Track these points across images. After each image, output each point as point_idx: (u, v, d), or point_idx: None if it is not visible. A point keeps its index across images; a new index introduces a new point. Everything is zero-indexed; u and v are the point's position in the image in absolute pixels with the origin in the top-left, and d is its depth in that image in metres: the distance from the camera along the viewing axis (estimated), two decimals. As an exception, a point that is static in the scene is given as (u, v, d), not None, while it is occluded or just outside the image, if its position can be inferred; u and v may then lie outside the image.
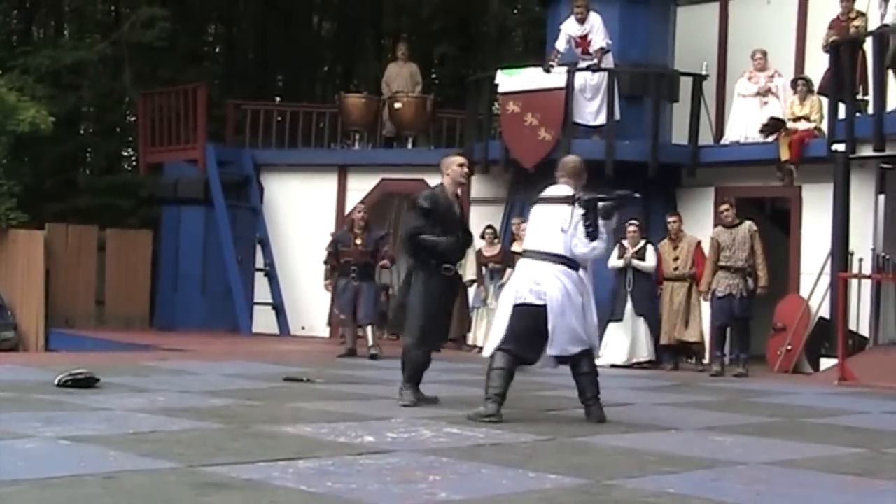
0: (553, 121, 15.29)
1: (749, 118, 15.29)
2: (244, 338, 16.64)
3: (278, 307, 17.69)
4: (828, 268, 14.02)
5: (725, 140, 15.69)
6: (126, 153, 26.42)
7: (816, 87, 14.80)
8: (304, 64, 27.52)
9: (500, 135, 16.20)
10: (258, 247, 18.01)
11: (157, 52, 22.64)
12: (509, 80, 15.83)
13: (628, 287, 13.74)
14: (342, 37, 28.37)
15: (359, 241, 13.74)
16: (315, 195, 17.80)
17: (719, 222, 13.66)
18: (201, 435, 6.69)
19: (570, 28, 15.39)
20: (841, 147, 13.70)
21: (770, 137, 14.76)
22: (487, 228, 15.46)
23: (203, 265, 18.23)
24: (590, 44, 15.31)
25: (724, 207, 13.52)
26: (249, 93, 22.78)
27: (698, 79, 15.69)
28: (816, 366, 13.66)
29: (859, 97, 13.91)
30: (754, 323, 13.55)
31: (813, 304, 14.25)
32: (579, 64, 15.42)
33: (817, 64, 14.97)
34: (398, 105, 17.81)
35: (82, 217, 20.03)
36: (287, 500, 4.91)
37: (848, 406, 9.93)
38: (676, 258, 13.75)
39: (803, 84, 14.86)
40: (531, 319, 7.74)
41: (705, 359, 13.84)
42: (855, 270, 13.46)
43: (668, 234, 13.94)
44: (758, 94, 15.30)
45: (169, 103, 18.91)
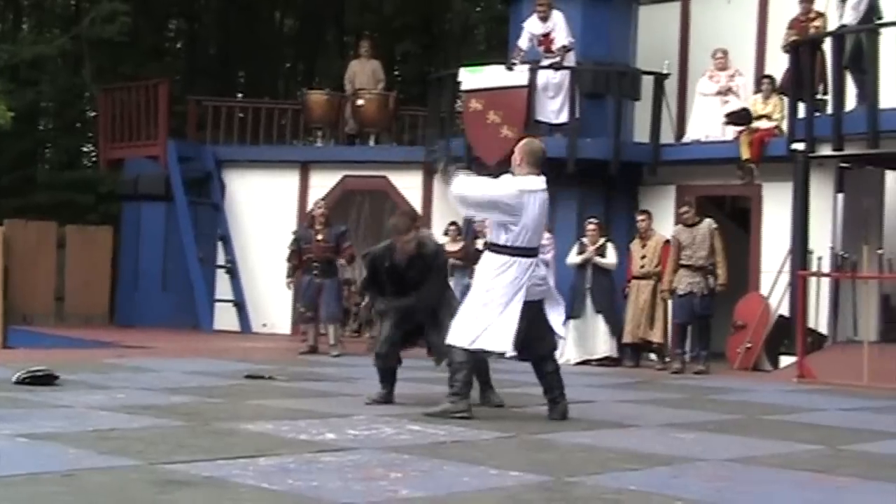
0: (515, 118, 15.31)
1: (710, 117, 15.38)
2: (205, 335, 16.56)
3: (240, 304, 17.62)
4: (787, 266, 14.13)
5: (686, 139, 15.77)
6: (86, 149, 26.22)
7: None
8: (267, 60, 27.43)
9: (463, 132, 16.20)
10: (220, 244, 17.93)
11: (118, 48, 22.50)
12: (472, 78, 15.84)
13: (587, 284, 13.83)
14: (305, 33, 28.31)
15: (320, 237, 13.73)
16: (277, 192, 17.74)
17: (680, 221, 13.74)
18: (161, 432, 6.66)
19: (533, 26, 15.42)
20: (800, 146, 13.81)
21: (734, 128, 14.83)
22: (450, 225, 15.48)
23: (164, 262, 18.11)
24: (552, 42, 15.34)
25: (684, 210, 13.63)
26: (211, 89, 22.68)
27: (660, 77, 15.75)
28: (776, 363, 13.75)
29: (818, 97, 14.02)
30: (715, 321, 13.62)
31: (773, 303, 14.34)
32: (542, 62, 15.45)
33: (777, 64, 15.09)
34: (361, 102, 17.77)
35: (41, 213, 19.86)
36: (248, 498, 4.90)
37: (806, 403, 10.01)
38: (644, 256, 13.80)
39: (768, 83, 14.95)
40: (528, 315, 7.81)
41: (667, 357, 13.91)
42: (814, 269, 13.56)
43: (638, 232, 13.99)
44: (718, 94, 15.40)
45: (130, 99, 18.79)
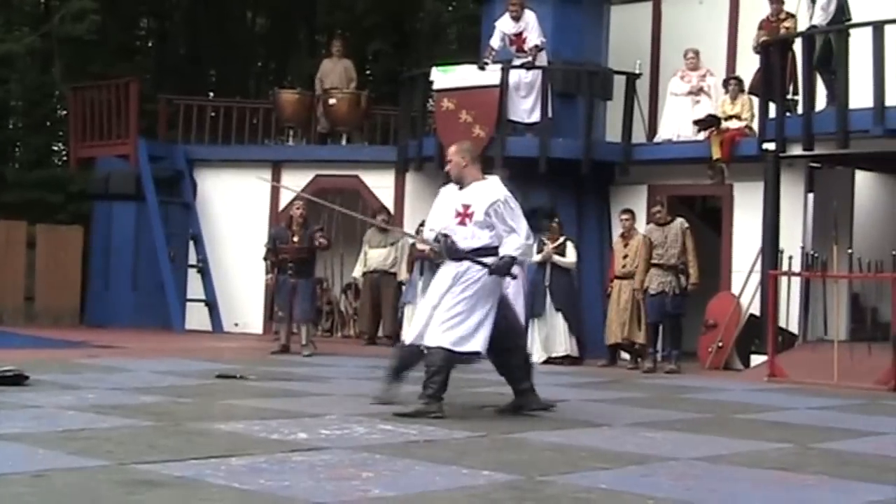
0: (487, 118, 15.31)
1: (681, 117, 15.43)
2: (177, 335, 16.50)
3: (211, 304, 17.55)
4: (758, 265, 14.18)
5: (658, 138, 15.81)
6: (56, 148, 26.06)
7: (747, 87, 14.97)
8: (238, 59, 27.31)
9: (435, 131, 16.19)
10: (191, 243, 17.86)
11: (88, 46, 22.35)
12: (444, 77, 15.83)
13: (546, 282, 13.88)
14: (275, 32, 28.20)
15: (296, 238, 13.71)
16: (249, 191, 17.65)
17: (651, 220, 13.78)
18: (132, 433, 6.64)
19: (505, 25, 15.42)
20: (771, 146, 13.88)
21: (703, 133, 14.91)
22: (421, 225, 15.47)
23: (135, 261, 18.02)
24: (524, 41, 15.35)
25: (656, 210, 13.69)
26: (182, 88, 22.54)
27: (631, 77, 15.79)
28: (747, 362, 13.81)
29: (789, 97, 14.08)
30: (686, 320, 13.68)
31: (744, 302, 14.40)
32: (514, 61, 15.46)
33: (748, 64, 15.14)
34: (332, 101, 17.74)
35: (10, 212, 19.70)
36: (219, 498, 4.88)
37: (776, 402, 10.07)
38: (626, 256, 13.78)
39: (735, 83, 15.02)
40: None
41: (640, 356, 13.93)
42: (785, 268, 13.63)
43: (622, 232, 14.00)
44: (690, 93, 15.45)
45: (100, 97, 18.67)
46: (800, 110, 13.73)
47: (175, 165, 18.09)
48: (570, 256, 14.05)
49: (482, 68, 15.46)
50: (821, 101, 13.69)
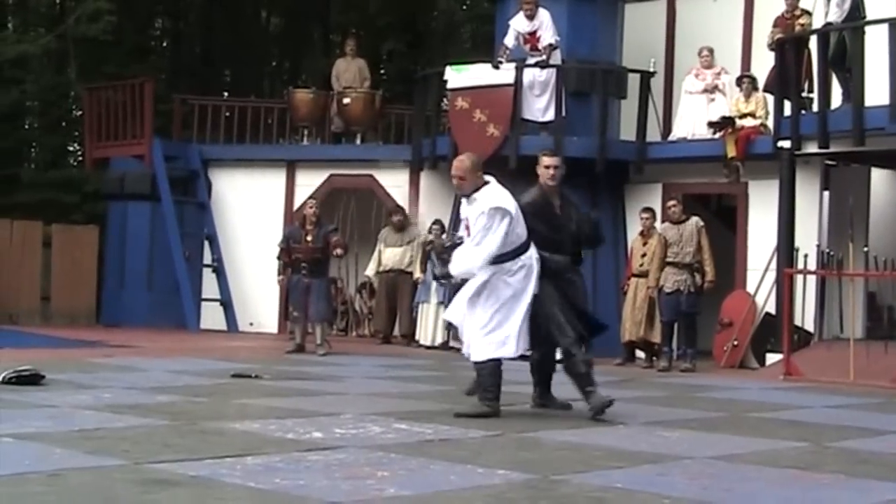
0: (501, 117, 15.31)
1: (696, 115, 15.38)
2: (191, 334, 16.53)
3: (226, 303, 17.58)
4: (773, 264, 14.15)
5: (673, 137, 15.77)
6: (71, 148, 26.12)
7: (762, 85, 14.92)
8: (252, 59, 27.35)
9: (449, 130, 16.19)
10: (206, 243, 17.89)
11: (103, 46, 22.41)
12: (458, 76, 15.83)
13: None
14: (290, 32, 28.25)
15: (309, 238, 13.70)
16: (263, 191, 17.71)
17: (666, 218, 13.75)
18: (147, 432, 6.65)
19: (519, 24, 15.42)
20: (786, 144, 13.84)
21: (717, 134, 14.88)
22: (434, 224, 15.52)
23: (150, 261, 18.05)
24: (538, 40, 15.34)
25: (671, 203, 13.64)
26: (196, 88, 22.61)
27: (646, 76, 15.76)
28: (762, 361, 13.78)
29: (804, 95, 14.04)
30: (701, 318, 13.64)
31: (759, 300, 14.37)
32: (528, 60, 15.45)
33: (763, 61, 15.10)
34: (346, 101, 17.75)
35: (26, 212, 19.77)
36: (234, 498, 4.89)
37: (792, 401, 10.04)
38: (644, 254, 13.73)
39: (748, 81, 14.98)
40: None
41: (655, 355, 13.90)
42: (800, 266, 13.59)
43: (641, 230, 13.94)
44: (705, 91, 15.40)
45: (115, 98, 18.71)
46: (815, 108, 13.69)
47: (190, 165, 18.13)
48: None
49: (496, 67, 15.46)
50: (836, 99, 13.65)
